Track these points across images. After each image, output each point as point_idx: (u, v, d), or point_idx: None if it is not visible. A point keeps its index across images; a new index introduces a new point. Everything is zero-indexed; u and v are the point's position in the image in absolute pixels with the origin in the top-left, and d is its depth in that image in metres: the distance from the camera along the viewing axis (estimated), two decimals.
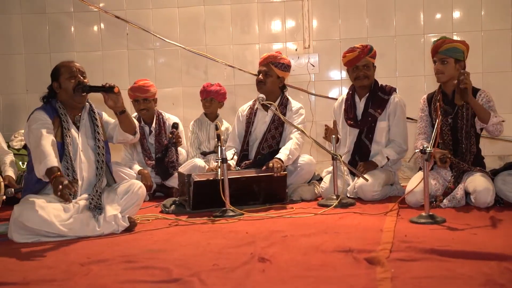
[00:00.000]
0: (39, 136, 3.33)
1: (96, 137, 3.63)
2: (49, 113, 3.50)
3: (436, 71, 4.09)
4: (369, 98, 4.55)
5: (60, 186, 3.03)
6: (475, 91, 4.04)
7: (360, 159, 4.51)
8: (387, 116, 4.52)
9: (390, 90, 4.57)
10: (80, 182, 3.50)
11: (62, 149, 3.44)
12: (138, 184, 3.64)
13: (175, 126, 4.95)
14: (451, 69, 4.03)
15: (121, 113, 3.60)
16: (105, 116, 3.83)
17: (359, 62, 4.48)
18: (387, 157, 4.45)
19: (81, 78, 3.55)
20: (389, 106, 4.52)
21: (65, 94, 3.54)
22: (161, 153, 4.95)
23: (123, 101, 3.58)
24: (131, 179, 3.97)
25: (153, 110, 5.09)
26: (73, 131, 3.56)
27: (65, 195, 3.04)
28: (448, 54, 4.01)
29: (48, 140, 3.32)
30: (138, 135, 3.85)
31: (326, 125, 4.47)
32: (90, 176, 3.57)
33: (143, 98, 4.98)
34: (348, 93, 4.69)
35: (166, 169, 4.93)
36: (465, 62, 4.11)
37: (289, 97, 4.82)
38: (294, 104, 4.77)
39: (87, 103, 3.67)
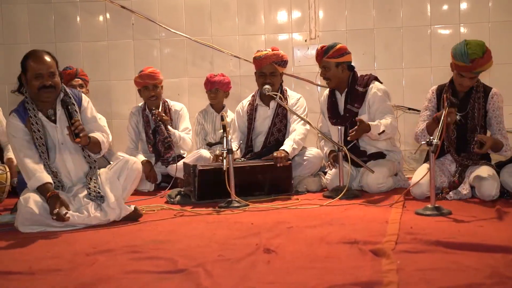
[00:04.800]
0: (17, 152, 3.39)
1: None
2: (22, 117, 3.39)
3: (461, 85, 3.95)
4: (348, 92, 4.46)
5: (57, 209, 3.13)
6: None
7: (352, 153, 4.23)
8: (366, 108, 4.38)
9: (368, 81, 4.42)
10: (66, 180, 3.47)
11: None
12: (132, 159, 3.61)
13: (152, 108, 4.99)
14: (472, 81, 3.93)
15: (85, 146, 3.45)
16: (84, 106, 3.56)
17: (320, 65, 4.46)
18: (383, 131, 4.18)
19: (49, 81, 3.35)
20: (367, 98, 4.38)
21: (31, 91, 3.41)
22: (153, 136, 5.03)
23: (86, 140, 3.32)
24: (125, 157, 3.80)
25: (161, 97, 5.11)
26: (50, 126, 3.44)
27: (62, 216, 3.14)
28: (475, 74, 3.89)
29: (27, 154, 3.34)
30: (103, 153, 3.61)
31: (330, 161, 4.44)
32: (78, 167, 3.50)
33: (153, 85, 5.01)
34: (329, 90, 4.60)
35: (158, 150, 5.00)
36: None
37: (287, 88, 4.81)
38: (293, 94, 4.76)
39: (61, 92, 3.47)
